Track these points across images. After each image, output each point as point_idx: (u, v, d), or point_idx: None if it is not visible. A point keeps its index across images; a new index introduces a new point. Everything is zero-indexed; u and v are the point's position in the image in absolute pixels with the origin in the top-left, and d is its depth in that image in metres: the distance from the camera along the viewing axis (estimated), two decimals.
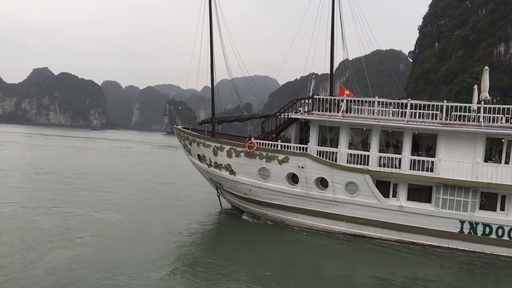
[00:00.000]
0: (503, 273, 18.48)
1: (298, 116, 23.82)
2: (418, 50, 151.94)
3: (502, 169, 20.23)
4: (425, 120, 21.77)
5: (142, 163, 59.22)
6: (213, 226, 24.80)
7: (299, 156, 23.22)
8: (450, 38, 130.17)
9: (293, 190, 23.44)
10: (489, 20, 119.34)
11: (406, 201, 21.77)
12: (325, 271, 17.94)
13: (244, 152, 24.57)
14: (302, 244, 21.17)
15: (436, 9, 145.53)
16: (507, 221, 20.22)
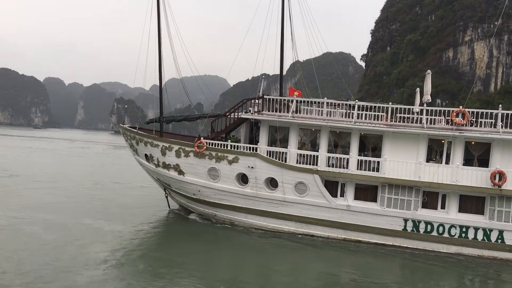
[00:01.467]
0: (443, 269, 19.44)
1: (248, 116, 23.85)
2: (371, 54, 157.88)
3: (442, 169, 21.33)
4: (371, 121, 22.53)
5: (104, 164, 56.93)
6: (160, 228, 24.23)
7: (249, 156, 23.23)
8: (401, 43, 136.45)
9: (243, 190, 23.42)
10: (438, 26, 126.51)
11: (353, 201, 22.42)
12: (274, 271, 18.03)
13: (193, 152, 24.23)
14: (252, 245, 21.20)
15: (388, 14, 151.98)
16: (447, 219, 21.33)
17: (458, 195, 21.36)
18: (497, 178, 20.27)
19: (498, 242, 20.68)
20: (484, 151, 21.38)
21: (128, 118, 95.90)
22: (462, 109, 21.30)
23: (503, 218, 20.59)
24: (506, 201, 20.55)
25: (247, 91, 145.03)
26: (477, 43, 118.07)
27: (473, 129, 21.15)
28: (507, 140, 20.59)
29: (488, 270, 19.43)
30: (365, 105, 23.36)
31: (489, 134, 20.80)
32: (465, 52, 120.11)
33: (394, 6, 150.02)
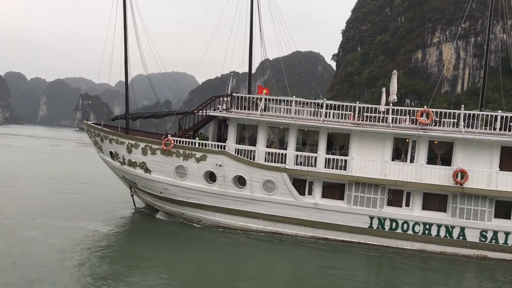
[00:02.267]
0: (407, 266, 20.14)
1: (216, 113, 23.95)
2: (342, 54, 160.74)
3: (407, 168, 22.07)
4: (339, 120, 23.07)
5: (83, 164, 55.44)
6: (126, 227, 23.98)
7: (217, 154, 23.34)
8: (372, 43, 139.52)
9: (211, 188, 23.51)
10: (407, 27, 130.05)
11: (321, 199, 22.90)
12: (242, 269, 18.26)
13: (160, 150, 24.12)
14: (219, 243, 21.32)
15: (359, 15, 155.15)
16: (411, 216, 22.11)
17: (422, 193, 22.17)
18: (459, 176, 21.15)
19: (459, 239, 21.60)
20: (447, 150, 22.27)
21: (93, 115, 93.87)
22: (427, 109, 22.12)
23: (465, 216, 21.51)
24: (468, 199, 21.49)
25: (216, 88, 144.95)
26: (445, 45, 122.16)
27: (437, 129, 22.00)
28: (469, 140, 21.51)
29: (450, 266, 20.27)
30: (333, 104, 23.88)
31: (452, 134, 21.68)
32: (433, 53, 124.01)
33: (365, 7, 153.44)
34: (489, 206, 21.35)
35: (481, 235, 21.37)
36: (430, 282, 18.42)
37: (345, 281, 17.37)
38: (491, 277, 19.21)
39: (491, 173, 21.19)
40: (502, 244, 21.19)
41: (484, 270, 20.01)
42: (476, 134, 21.38)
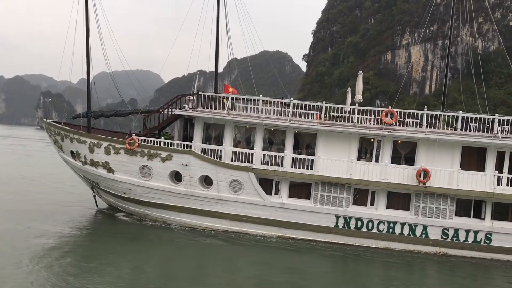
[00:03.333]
0: (371, 264, 20.80)
1: (182, 112, 23.99)
2: (313, 54, 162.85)
3: (372, 167, 22.78)
4: (305, 120, 23.56)
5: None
6: (87, 228, 23.60)
7: (183, 153, 23.38)
8: (342, 44, 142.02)
9: (176, 188, 23.53)
10: (377, 29, 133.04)
11: (288, 198, 23.31)
12: (208, 270, 18.35)
13: (124, 149, 23.94)
14: (185, 244, 21.37)
15: (329, 16, 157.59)
16: (376, 215, 22.82)
17: (387, 192, 22.92)
18: (422, 175, 22.01)
19: (422, 237, 22.46)
20: (410, 150, 23.13)
21: (55, 113, 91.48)
22: (391, 109, 22.92)
23: (427, 214, 22.41)
24: (430, 197, 22.39)
25: (183, 87, 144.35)
26: (414, 47, 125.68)
27: (401, 129, 22.81)
28: (431, 140, 22.42)
29: (413, 263, 21.06)
30: (300, 103, 24.35)
31: (415, 134, 22.54)
32: (403, 55, 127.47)
33: (335, 8, 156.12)
34: (451, 204, 22.31)
35: (443, 233, 22.30)
36: (393, 280, 19.04)
37: (310, 281, 17.71)
38: (451, 274, 20.12)
39: (453, 172, 22.15)
40: (462, 242, 22.18)
41: (445, 267, 20.91)
42: (438, 134, 22.31)
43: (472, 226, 22.13)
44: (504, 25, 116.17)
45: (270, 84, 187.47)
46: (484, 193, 21.77)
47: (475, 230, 22.07)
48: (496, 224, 21.96)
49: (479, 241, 22.06)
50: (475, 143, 22.25)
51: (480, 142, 22.16)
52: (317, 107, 23.89)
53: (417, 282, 19.15)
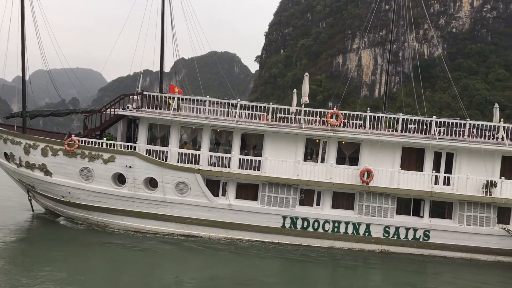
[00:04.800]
0: (317, 263, 21.35)
1: (125, 113, 23.61)
2: (265, 56, 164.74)
3: (318, 168, 23.47)
4: (252, 121, 23.91)
5: None
6: (23, 234, 22.62)
7: (127, 155, 23.03)
8: (294, 46, 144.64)
9: (120, 191, 23.12)
10: (329, 33, 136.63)
11: (235, 200, 23.52)
12: (153, 275, 18.05)
13: (62, 151, 23.22)
14: (128, 249, 20.94)
15: (281, 18, 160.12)
16: (321, 215, 23.48)
17: (332, 192, 23.68)
18: (365, 175, 22.93)
19: (365, 235, 23.37)
20: (354, 151, 24.03)
21: None
22: (336, 111, 23.74)
23: (370, 213, 23.35)
24: (373, 197, 23.35)
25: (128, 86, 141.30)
26: (364, 51, 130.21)
27: (345, 130, 23.64)
28: (374, 141, 23.42)
29: (357, 261, 21.80)
30: (247, 104, 24.69)
31: (359, 135, 23.48)
32: (353, 59, 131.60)
33: (287, 11, 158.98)
34: (392, 203, 23.38)
35: (385, 231, 23.33)
36: (339, 278, 19.66)
37: (257, 282, 17.91)
38: (393, 270, 21.11)
39: (394, 172, 23.23)
40: (403, 239, 23.31)
41: (387, 264, 21.89)
42: (381, 135, 23.35)
43: (411, 224, 23.30)
44: (448, 32, 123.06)
45: (218, 85, 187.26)
46: (423, 192, 23.00)
47: (415, 227, 23.25)
48: (434, 222, 23.24)
49: (418, 238, 23.28)
50: (414, 144, 23.48)
51: (419, 143, 23.40)
52: (264, 108, 24.34)
53: (361, 280, 19.81)
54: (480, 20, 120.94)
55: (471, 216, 23.00)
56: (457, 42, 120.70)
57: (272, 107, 24.07)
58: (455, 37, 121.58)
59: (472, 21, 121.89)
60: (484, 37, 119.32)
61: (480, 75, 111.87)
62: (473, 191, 22.84)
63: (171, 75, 32.32)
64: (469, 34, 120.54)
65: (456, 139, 23.22)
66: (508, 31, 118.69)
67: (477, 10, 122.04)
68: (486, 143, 23.01)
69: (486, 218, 22.97)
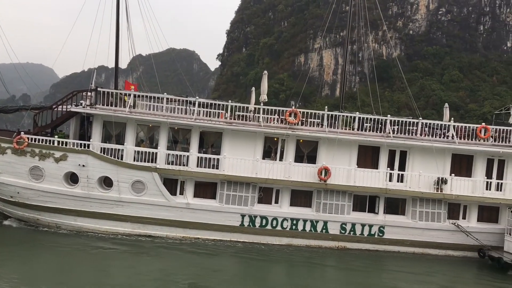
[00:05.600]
0: (274, 260, 21.51)
1: (79, 109, 22.86)
2: (227, 54, 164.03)
3: (277, 166, 23.58)
4: (211, 119, 23.75)
5: None
6: None
7: (80, 153, 22.33)
8: (256, 45, 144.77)
9: (72, 191, 22.42)
10: (291, 32, 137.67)
11: (193, 198, 23.31)
12: (107, 277, 17.62)
13: (11, 149, 22.23)
14: (81, 251, 20.31)
15: (243, 16, 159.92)
16: (280, 213, 23.63)
17: (290, 190, 23.88)
18: (323, 173, 23.24)
19: (323, 232, 23.73)
20: (312, 149, 24.34)
21: None
22: (294, 109, 23.94)
23: (327, 210, 23.70)
24: (330, 194, 23.71)
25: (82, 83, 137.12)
26: (325, 51, 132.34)
27: (303, 128, 23.90)
28: (331, 139, 23.77)
29: (314, 258, 22.05)
30: (206, 102, 24.51)
31: (317, 133, 23.77)
32: (315, 58, 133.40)
33: (249, 9, 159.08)
34: (348, 200, 23.85)
35: (341, 227, 23.76)
36: (295, 276, 19.78)
37: (215, 282, 17.81)
38: (349, 266, 21.55)
39: (350, 169, 23.68)
40: (359, 235, 23.83)
41: (343, 260, 22.33)
42: (338, 133, 23.75)
43: (367, 220, 23.85)
44: (405, 34, 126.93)
45: (177, 82, 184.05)
46: (378, 189, 23.58)
47: (370, 224, 23.83)
48: (388, 218, 23.89)
49: (373, 234, 23.85)
50: (370, 142, 24.04)
51: (374, 141, 23.99)
52: (222, 106, 24.21)
53: (318, 277, 20.04)
54: (435, 22, 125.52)
55: (423, 212, 23.80)
56: (414, 43, 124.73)
57: (230, 105, 23.99)
58: (412, 39, 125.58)
59: (428, 23, 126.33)
60: (439, 39, 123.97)
61: (436, 76, 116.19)
62: (425, 187, 23.62)
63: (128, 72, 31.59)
64: (425, 36, 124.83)
65: (409, 138, 23.96)
66: (461, 34, 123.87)
67: (432, 13, 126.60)
68: (437, 141, 23.87)
69: (437, 213, 23.84)
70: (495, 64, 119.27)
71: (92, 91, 23.22)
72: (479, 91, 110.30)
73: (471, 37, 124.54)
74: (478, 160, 24.31)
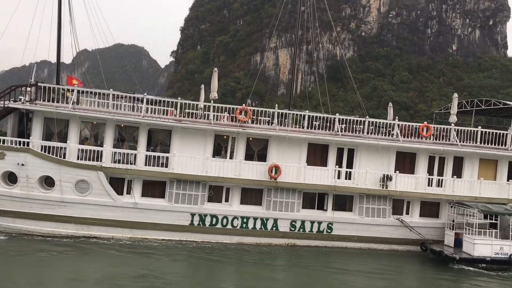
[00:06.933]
0: (224, 259, 21.28)
1: (17, 105, 21.71)
2: (181, 51, 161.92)
3: (227, 164, 23.42)
4: (160, 116, 23.25)
5: None
6: None
7: (19, 152, 21.24)
8: (212, 43, 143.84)
9: (10, 191, 21.33)
10: (247, 31, 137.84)
11: (141, 198, 22.74)
12: (47, 282, 16.83)
13: None
14: (20, 254, 19.26)
15: (197, 13, 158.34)
16: (230, 211, 23.53)
17: (240, 188, 23.81)
18: (273, 171, 23.33)
19: (273, 230, 23.84)
20: (262, 147, 24.37)
21: None
22: (245, 107, 23.87)
23: (278, 208, 23.81)
24: (280, 192, 23.85)
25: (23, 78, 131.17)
26: (281, 50, 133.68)
27: (254, 126, 23.89)
28: (282, 137, 23.88)
29: (264, 256, 22.04)
30: (154, 99, 23.97)
31: (267, 131, 23.82)
32: (271, 57, 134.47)
33: (204, 7, 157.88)
34: (298, 198, 24.08)
35: (291, 225, 23.97)
36: (246, 275, 19.69)
37: (163, 284, 17.36)
38: (298, 263, 21.73)
39: (300, 167, 23.92)
40: (308, 232, 24.12)
41: (293, 257, 22.49)
42: (288, 132, 23.91)
43: (316, 217, 24.19)
44: (358, 35, 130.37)
45: (126, 79, 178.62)
46: (327, 186, 23.96)
47: (319, 221, 24.17)
48: (336, 215, 24.36)
49: (322, 231, 24.22)
50: (319, 140, 24.38)
51: (323, 139, 24.35)
52: (171, 103, 23.77)
53: (268, 276, 19.85)
54: (386, 25, 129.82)
55: (369, 208, 24.43)
56: (366, 45, 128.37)
57: (180, 102, 23.60)
58: (365, 40, 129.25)
59: (379, 26, 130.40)
60: (390, 42, 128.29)
61: (387, 77, 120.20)
62: (371, 184, 24.25)
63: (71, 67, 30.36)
64: (376, 38, 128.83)
65: (356, 136, 24.50)
66: (410, 36, 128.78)
67: (383, 15, 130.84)
68: (383, 139, 24.55)
69: (383, 209, 24.54)
70: (442, 66, 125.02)
71: (32, 86, 22.12)
72: (427, 92, 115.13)
73: (419, 40, 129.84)
74: (421, 157, 25.25)
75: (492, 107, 28.46)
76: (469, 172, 25.54)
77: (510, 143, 25.59)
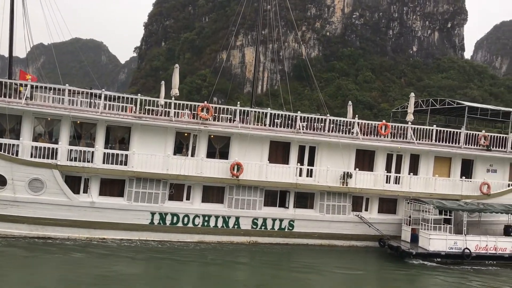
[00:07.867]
0: (185, 259, 21.00)
1: None
2: (145, 47, 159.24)
3: (189, 162, 23.11)
4: (119, 113, 22.66)
5: None
6: None
7: None
8: (177, 40, 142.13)
9: None
10: (212, 28, 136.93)
11: (98, 197, 22.10)
12: None
13: None
14: None
15: (162, 9, 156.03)
16: (192, 210, 23.24)
17: (202, 186, 23.55)
18: (235, 169, 23.20)
19: (235, 228, 23.73)
20: (224, 144, 24.19)
21: None
22: (207, 104, 23.61)
23: (239, 206, 23.71)
24: (242, 190, 23.74)
25: None
26: (247, 48, 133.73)
27: (216, 124, 23.67)
28: (244, 134, 23.78)
29: (226, 255, 21.91)
30: (113, 95, 23.36)
31: (229, 129, 23.66)
32: (237, 55, 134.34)
33: (168, 2, 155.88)
34: (260, 195, 24.06)
35: (253, 222, 23.93)
36: (206, 275, 19.41)
37: (121, 285, 16.97)
38: (260, 261, 21.72)
39: (262, 165, 23.89)
40: (270, 230, 24.15)
41: (255, 256, 22.47)
42: (250, 129, 23.83)
43: (278, 215, 24.24)
44: (322, 35, 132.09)
45: (84, 74, 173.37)
46: (288, 184, 24.05)
47: (281, 218, 24.25)
48: (298, 212, 24.51)
49: (283, 228, 24.31)
50: (281, 138, 24.44)
51: (285, 137, 24.43)
52: (131, 99, 23.23)
53: (230, 275, 19.73)
54: (350, 26, 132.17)
55: (330, 205, 24.72)
56: (331, 45, 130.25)
57: (140, 98, 23.09)
58: (329, 40, 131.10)
59: (343, 26, 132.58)
60: (353, 42, 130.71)
61: (351, 76, 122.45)
62: (332, 182, 24.53)
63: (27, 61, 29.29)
64: (341, 38, 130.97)
65: (317, 134, 24.73)
66: (373, 37, 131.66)
67: (347, 16, 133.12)
68: (343, 137, 24.89)
69: (343, 206, 24.89)
70: (403, 67, 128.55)
71: None
72: (390, 92, 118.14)
73: (381, 40, 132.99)
74: (379, 155, 25.78)
75: (446, 107, 29.37)
76: (425, 169, 26.29)
77: (463, 141, 26.51)
